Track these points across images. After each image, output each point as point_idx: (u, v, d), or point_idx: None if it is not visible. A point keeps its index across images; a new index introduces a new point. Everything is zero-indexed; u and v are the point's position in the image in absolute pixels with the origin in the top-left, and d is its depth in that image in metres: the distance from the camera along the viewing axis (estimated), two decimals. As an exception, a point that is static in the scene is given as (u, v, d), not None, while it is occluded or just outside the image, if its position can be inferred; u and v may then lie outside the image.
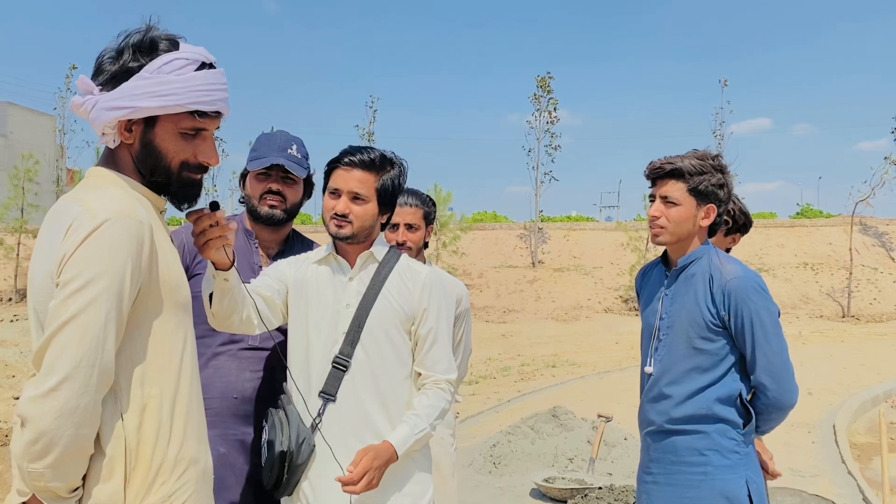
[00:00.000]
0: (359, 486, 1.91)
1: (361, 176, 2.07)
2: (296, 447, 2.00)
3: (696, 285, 2.19)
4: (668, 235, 2.24)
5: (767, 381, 2.12)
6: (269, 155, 2.29)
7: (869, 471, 6.51)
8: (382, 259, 2.14)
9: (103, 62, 1.51)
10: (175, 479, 1.48)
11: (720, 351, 2.15)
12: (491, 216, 32.38)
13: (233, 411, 2.19)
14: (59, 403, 1.31)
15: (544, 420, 6.35)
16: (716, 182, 2.20)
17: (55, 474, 1.35)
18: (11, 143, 33.09)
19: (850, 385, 9.76)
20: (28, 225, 22.76)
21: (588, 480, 5.00)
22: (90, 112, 1.49)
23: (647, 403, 2.30)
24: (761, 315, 2.11)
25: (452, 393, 2.14)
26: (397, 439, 1.99)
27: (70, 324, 1.33)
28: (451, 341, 2.20)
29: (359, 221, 2.07)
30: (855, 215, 23.60)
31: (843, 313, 21.29)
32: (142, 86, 1.47)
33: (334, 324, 2.07)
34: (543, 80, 26.59)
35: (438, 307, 2.14)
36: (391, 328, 2.08)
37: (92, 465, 1.42)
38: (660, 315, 2.29)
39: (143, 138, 1.53)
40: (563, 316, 21.03)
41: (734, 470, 2.14)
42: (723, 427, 2.15)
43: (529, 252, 26.13)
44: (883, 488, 4.07)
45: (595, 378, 10.76)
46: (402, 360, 2.10)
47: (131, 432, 1.44)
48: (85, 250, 1.36)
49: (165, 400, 1.49)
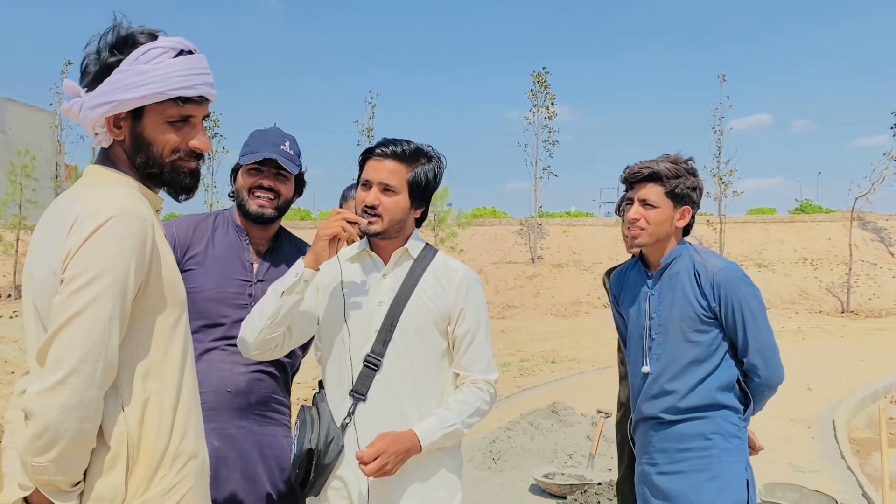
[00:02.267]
0: (369, 467, 1.84)
1: (392, 166, 1.99)
2: (324, 446, 1.95)
3: (683, 282, 2.29)
4: (647, 237, 2.32)
5: (758, 361, 2.25)
6: (262, 150, 2.27)
7: (868, 466, 6.51)
8: (418, 256, 2.07)
9: (88, 64, 1.52)
10: (175, 472, 1.50)
11: (714, 341, 2.27)
12: (490, 212, 32.38)
13: (227, 405, 2.18)
14: (63, 398, 1.32)
15: (544, 416, 6.36)
16: (690, 185, 2.30)
17: (59, 468, 1.36)
18: (10, 140, 33.03)
19: (850, 380, 9.76)
20: (27, 221, 22.74)
21: (587, 476, 5.00)
22: (79, 114, 1.51)
23: (647, 401, 2.35)
24: (749, 302, 2.23)
25: (492, 394, 2.06)
26: (422, 429, 1.92)
27: (76, 319, 1.34)
28: (489, 340, 2.11)
29: (388, 214, 1.98)
30: (854, 211, 23.59)
31: (843, 309, 21.32)
32: (120, 79, 1.47)
33: (367, 321, 2.01)
34: (539, 75, 26.57)
35: (477, 307, 2.06)
36: (426, 327, 2.01)
37: (94, 458, 1.43)
38: (648, 315, 2.37)
39: (133, 131, 1.53)
40: (563, 312, 21.05)
41: (735, 454, 2.26)
42: (726, 412, 2.26)
43: (528, 248, 26.13)
44: (883, 484, 4.06)
45: (594, 374, 10.75)
46: (439, 361, 2.03)
47: (133, 427, 1.45)
48: (90, 247, 1.37)
49: (166, 395, 1.50)
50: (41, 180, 25.01)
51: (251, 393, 2.22)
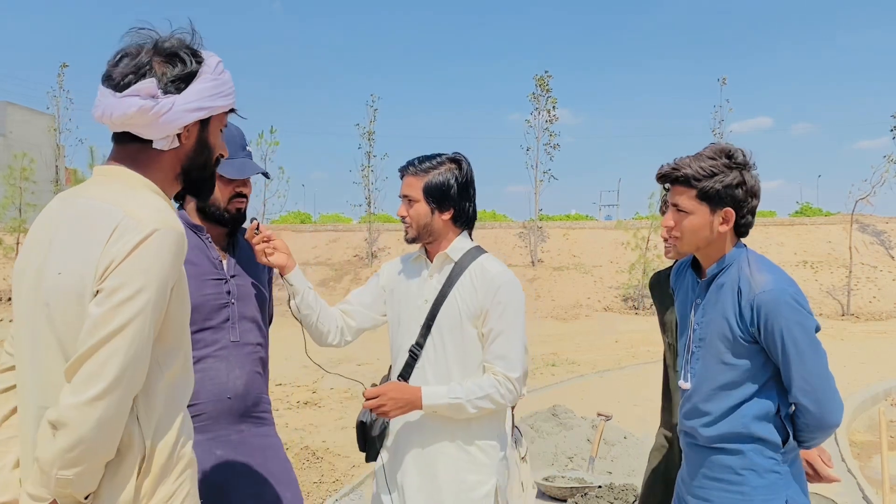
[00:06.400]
0: (367, 402, 2.21)
1: (409, 180, 2.31)
2: (370, 420, 2.34)
3: (725, 297, 2.02)
4: (685, 246, 2.08)
5: (805, 401, 1.95)
6: (237, 155, 2.23)
7: (869, 469, 6.50)
8: (459, 259, 2.33)
9: (166, 62, 1.50)
10: (174, 478, 1.51)
11: (753, 366, 1.99)
12: (490, 215, 32.40)
13: (226, 412, 2.16)
14: (100, 411, 1.33)
15: (544, 419, 6.34)
16: (730, 182, 2.00)
17: (82, 481, 1.36)
18: (10, 143, 33.04)
19: (850, 383, 9.73)
20: (26, 225, 22.73)
21: (588, 479, 4.99)
22: (164, 115, 1.48)
23: (683, 418, 2.19)
24: (794, 332, 1.92)
25: (510, 389, 2.24)
26: (428, 391, 2.22)
27: (121, 333, 1.35)
28: (517, 340, 2.28)
29: (414, 221, 2.31)
30: (854, 213, 23.59)
31: (843, 311, 21.30)
32: (213, 86, 1.53)
33: (415, 317, 2.33)
34: (542, 78, 26.58)
35: (504, 307, 2.25)
36: (459, 324, 2.27)
37: (107, 468, 1.43)
38: (692, 326, 2.14)
39: (200, 137, 1.58)
40: (563, 315, 21.03)
41: (773, 490, 2.00)
42: (759, 447, 2.01)
43: (529, 251, 26.12)
44: (883, 486, 4.06)
45: (595, 377, 10.75)
46: (470, 352, 2.28)
47: (147, 438, 1.46)
48: (135, 259, 1.38)
49: (172, 403, 1.52)
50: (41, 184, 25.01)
51: (248, 395, 2.21)
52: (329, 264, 26.61)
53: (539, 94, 26.55)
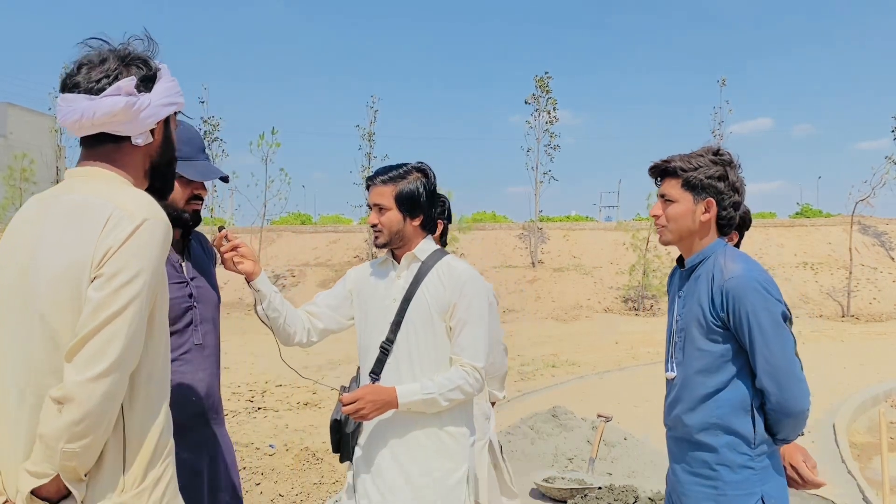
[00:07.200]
0: (347, 407, 2.26)
1: (379, 189, 2.40)
2: (344, 417, 2.42)
3: (701, 286, 2.14)
4: (670, 233, 2.23)
5: (769, 385, 2.02)
6: (196, 157, 2.21)
7: (869, 470, 6.50)
8: (425, 259, 2.43)
9: (132, 66, 1.63)
10: (159, 463, 1.59)
11: (725, 353, 2.08)
12: (490, 216, 32.39)
13: (191, 414, 2.16)
14: (105, 387, 1.43)
15: (544, 420, 6.34)
16: (712, 174, 2.15)
17: (87, 454, 1.45)
18: (11, 144, 33.06)
19: (850, 384, 9.75)
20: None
21: (588, 480, 4.98)
22: (144, 110, 1.61)
23: (667, 408, 2.26)
24: (759, 316, 2.00)
25: (477, 379, 2.35)
26: (403, 390, 2.29)
27: (122, 314, 1.45)
28: (482, 332, 2.38)
29: (386, 228, 2.40)
30: (854, 215, 23.60)
31: (843, 313, 21.31)
32: (172, 86, 1.68)
33: (385, 315, 2.42)
34: (542, 80, 26.61)
35: (469, 300, 2.37)
36: (428, 319, 2.36)
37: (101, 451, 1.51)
38: (675, 317, 2.25)
39: (165, 133, 1.71)
40: (563, 316, 21.04)
41: (745, 486, 2.06)
42: (733, 441, 2.07)
43: (529, 252, 26.13)
44: (883, 488, 4.06)
45: (595, 378, 10.75)
46: (438, 346, 2.37)
47: (136, 422, 1.54)
48: (131, 246, 1.48)
49: (155, 390, 1.59)
50: (41, 184, 25.03)
51: (210, 397, 2.23)
52: (329, 265, 26.62)
53: (539, 95, 26.58)
